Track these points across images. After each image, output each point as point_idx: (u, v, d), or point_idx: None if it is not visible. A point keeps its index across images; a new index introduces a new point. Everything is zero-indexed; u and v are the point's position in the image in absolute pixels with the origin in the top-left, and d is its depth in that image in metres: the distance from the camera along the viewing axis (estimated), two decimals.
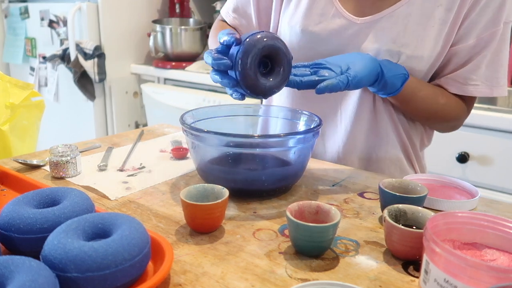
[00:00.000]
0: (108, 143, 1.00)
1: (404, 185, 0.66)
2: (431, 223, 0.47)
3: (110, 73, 2.25)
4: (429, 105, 0.83)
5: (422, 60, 0.81)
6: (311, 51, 0.86)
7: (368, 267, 0.53)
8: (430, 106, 0.84)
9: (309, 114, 0.80)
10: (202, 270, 0.51)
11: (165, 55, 2.29)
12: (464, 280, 0.41)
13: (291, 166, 0.73)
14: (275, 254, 0.55)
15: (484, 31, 0.79)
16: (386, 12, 0.81)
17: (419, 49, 0.80)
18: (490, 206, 0.70)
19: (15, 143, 1.08)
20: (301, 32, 0.87)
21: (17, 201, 0.54)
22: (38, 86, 2.52)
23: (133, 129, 1.70)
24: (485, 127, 1.43)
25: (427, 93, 0.83)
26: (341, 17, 0.84)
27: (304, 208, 0.58)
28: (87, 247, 0.44)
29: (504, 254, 0.49)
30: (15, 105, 1.08)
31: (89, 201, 0.57)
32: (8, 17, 2.61)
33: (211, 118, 0.83)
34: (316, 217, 0.58)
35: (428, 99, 0.83)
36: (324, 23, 0.85)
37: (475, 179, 1.46)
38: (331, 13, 0.85)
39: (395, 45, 0.80)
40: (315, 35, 0.85)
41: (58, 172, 0.78)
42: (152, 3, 2.41)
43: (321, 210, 0.58)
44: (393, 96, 0.79)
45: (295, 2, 0.90)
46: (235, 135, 0.68)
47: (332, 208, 0.57)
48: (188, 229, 0.61)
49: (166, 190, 0.75)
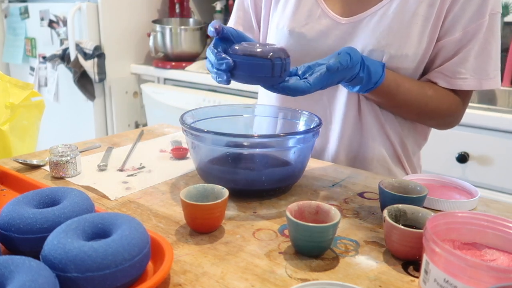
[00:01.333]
0: (108, 143, 1.00)
1: (404, 185, 0.66)
2: (431, 223, 0.47)
3: (110, 73, 2.25)
4: (417, 97, 0.82)
5: (407, 58, 0.81)
6: (299, 53, 0.86)
7: (368, 267, 0.53)
8: (417, 98, 0.82)
9: (308, 114, 0.80)
10: (202, 270, 0.51)
11: (165, 55, 2.29)
12: (464, 280, 0.41)
13: (291, 166, 0.73)
14: (275, 254, 0.55)
15: (469, 24, 0.79)
16: (370, 11, 0.82)
17: (403, 48, 0.80)
18: (490, 206, 0.70)
19: (15, 143, 1.08)
20: (289, 33, 0.87)
21: (17, 201, 0.54)
22: (38, 86, 2.52)
23: (133, 129, 1.70)
24: (485, 127, 1.43)
25: (412, 84, 0.82)
26: (327, 17, 0.85)
27: (304, 208, 0.58)
28: (87, 247, 0.44)
29: (504, 254, 0.49)
30: (15, 105, 1.08)
31: (89, 201, 0.57)
32: (8, 17, 2.61)
33: (211, 118, 0.83)
34: (316, 217, 0.58)
35: (414, 91, 0.82)
36: (310, 24, 0.86)
37: (475, 179, 1.46)
38: (317, 14, 0.86)
39: (379, 44, 0.80)
40: (302, 36, 0.86)
41: (58, 172, 0.78)
42: (152, 3, 2.41)
43: (321, 210, 0.58)
44: (378, 87, 0.77)
45: (283, 4, 0.90)
46: (235, 135, 0.68)
47: (332, 208, 0.57)
48: (188, 229, 0.61)
49: (166, 190, 0.75)
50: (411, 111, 0.86)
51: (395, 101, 0.83)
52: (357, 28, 0.83)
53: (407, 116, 0.89)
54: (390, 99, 0.82)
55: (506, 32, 1.80)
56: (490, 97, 1.80)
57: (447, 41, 0.81)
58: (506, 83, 1.78)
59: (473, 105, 1.48)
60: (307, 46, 0.86)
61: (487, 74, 0.81)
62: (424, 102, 0.83)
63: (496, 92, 1.80)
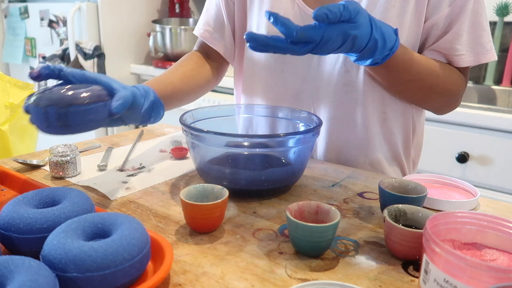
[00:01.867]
0: (108, 143, 1.00)
1: (404, 185, 0.66)
2: (431, 223, 0.47)
3: (109, 73, 2.25)
4: (428, 68, 0.76)
5: None
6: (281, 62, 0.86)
7: (368, 267, 0.53)
8: (429, 68, 0.77)
9: (308, 114, 0.80)
10: (202, 270, 0.51)
11: (165, 55, 2.29)
12: (464, 280, 0.41)
13: (291, 166, 0.73)
14: (275, 254, 0.55)
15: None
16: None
17: None
18: (490, 206, 0.70)
19: (15, 143, 1.08)
20: (267, 33, 0.86)
21: (17, 201, 0.54)
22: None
23: (133, 129, 1.70)
24: (485, 127, 1.43)
25: (420, 56, 0.78)
26: (303, 13, 0.84)
27: (304, 208, 0.58)
28: (86, 247, 0.44)
29: (504, 254, 0.49)
30: (14, 105, 1.08)
31: (89, 201, 0.57)
32: (8, 17, 2.61)
33: (211, 118, 0.83)
34: (316, 217, 0.58)
35: (424, 61, 0.77)
36: None
37: (475, 179, 1.46)
38: (293, 11, 0.85)
39: None
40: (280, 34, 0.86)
41: (58, 172, 0.78)
42: (152, 3, 2.40)
43: (320, 210, 0.58)
44: (395, 53, 0.68)
45: (258, 4, 0.89)
46: (235, 135, 0.68)
47: (332, 208, 0.57)
48: (187, 229, 0.61)
49: (166, 190, 0.75)
50: (423, 86, 0.78)
51: (409, 73, 0.75)
52: None
53: (417, 95, 0.82)
54: (405, 70, 0.74)
55: (506, 32, 1.80)
56: (490, 97, 1.80)
57: (436, 19, 0.78)
58: (506, 83, 1.78)
59: (473, 105, 1.48)
60: None
61: (482, 47, 0.79)
62: (436, 73, 0.77)
63: (496, 92, 1.80)
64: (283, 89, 0.90)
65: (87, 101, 0.58)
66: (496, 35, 1.77)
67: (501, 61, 1.80)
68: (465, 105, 1.46)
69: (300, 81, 0.88)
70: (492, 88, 1.80)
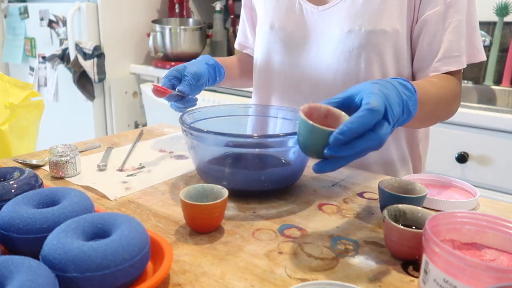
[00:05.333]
0: (108, 143, 1.00)
1: (403, 185, 0.66)
2: (431, 223, 0.47)
3: (109, 73, 2.25)
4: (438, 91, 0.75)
5: (386, 34, 0.80)
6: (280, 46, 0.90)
7: (368, 267, 0.53)
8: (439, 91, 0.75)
9: None
10: (201, 270, 0.51)
11: (165, 55, 2.28)
12: (464, 280, 0.41)
13: (291, 166, 0.73)
14: (275, 254, 0.55)
15: None
16: None
17: (379, 24, 0.79)
18: (490, 206, 0.70)
19: (15, 143, 1.08)
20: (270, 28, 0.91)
21: (16, 201, 0.54)
22: (38, 86, 2.52)
23: (133, 129, 1.70)
24: (484, 127, 1.43)
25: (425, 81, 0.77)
26: (304, 9, 0.88)
27: (313, 110, 0.56)
28: (86, 247, 0.44)
29: (504, 254, 0.49)
30: (14, 105, 1.08)
31: (88, 201, 0.57)
32: (8, 17, 2.61)
33: (210, 118, 0.83)
34: (326, 120, 0.55)
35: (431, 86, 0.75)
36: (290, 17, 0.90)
37: (474, 179, 1.46)
38: (295, 7, 0.89)
39: (355, 24, 0.81)
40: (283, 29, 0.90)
41: (58, 172, 0.78)
42: (152, 3, 2.40)
43: (330, 115, 0.56)
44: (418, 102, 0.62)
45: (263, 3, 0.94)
46: (235, 135, 0.68)
47: (342, 113, 0.54)
48: (187, 229, 0.61)
49: (166, 190, 0.75)
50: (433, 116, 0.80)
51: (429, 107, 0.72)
52: (332, 13, 0.84)
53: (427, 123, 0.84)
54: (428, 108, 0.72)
55: (506, 32, 1.80)
56: (489, 97, 1.80)
57: (430, 15, 0.79)
58: (506, 83, 1.78)
59: (473, 105, 1.48)
60: (288, 37, 0.90)
61: (474, 46, 0.81)
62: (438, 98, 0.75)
63: (496, 92, 1.80)
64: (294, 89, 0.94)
65: None
66: (496, 35, 1.77)
67: (501, 61, 1.80)
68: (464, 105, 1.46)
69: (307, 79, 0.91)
70: (491, 88, 1.80)
